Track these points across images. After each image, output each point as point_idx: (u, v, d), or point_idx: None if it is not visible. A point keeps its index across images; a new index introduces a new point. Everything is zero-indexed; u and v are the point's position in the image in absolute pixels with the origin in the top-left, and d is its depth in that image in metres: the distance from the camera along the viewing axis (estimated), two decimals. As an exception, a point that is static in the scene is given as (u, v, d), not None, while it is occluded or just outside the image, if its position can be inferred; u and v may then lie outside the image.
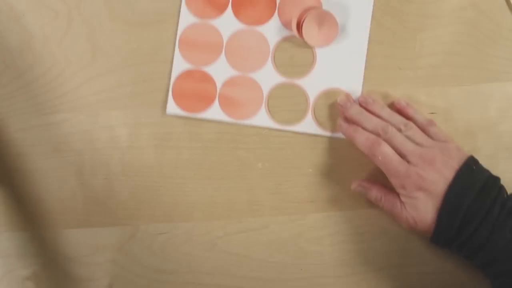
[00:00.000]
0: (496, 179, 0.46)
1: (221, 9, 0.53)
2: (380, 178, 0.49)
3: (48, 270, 0.53)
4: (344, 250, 0.52)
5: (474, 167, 0.46)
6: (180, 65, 0.53)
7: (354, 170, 0.52)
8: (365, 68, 0.53)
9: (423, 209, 0.46)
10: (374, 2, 0.53)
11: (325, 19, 0.52)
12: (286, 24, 0.53)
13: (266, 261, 0.53)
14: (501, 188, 0.46)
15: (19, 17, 0.54)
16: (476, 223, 0.44)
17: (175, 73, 0.53)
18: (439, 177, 0.45)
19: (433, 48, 0.53)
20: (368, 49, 0.53)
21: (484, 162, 0.52)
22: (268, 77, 0.53)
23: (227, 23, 0.53)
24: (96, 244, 0.53)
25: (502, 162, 0.52)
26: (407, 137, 0.48)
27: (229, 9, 0.53)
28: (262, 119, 0.53)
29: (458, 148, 0.48)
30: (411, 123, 0.49)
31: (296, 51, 0.53)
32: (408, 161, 0.47)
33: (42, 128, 0.54)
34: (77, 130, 0.53)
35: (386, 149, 0.47)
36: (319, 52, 0.53)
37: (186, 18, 0.53)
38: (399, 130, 0.48)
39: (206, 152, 0.53)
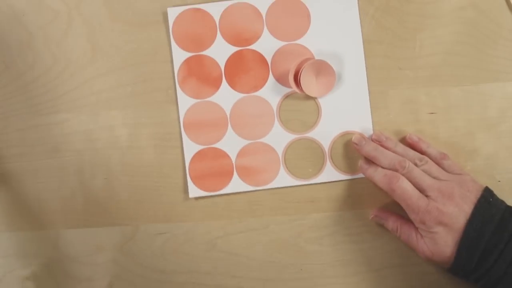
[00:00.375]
0: None
1: (216, 85, 0.53)
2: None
3: (48, 270, 0.53)
4: (344, 250, 0.52)
5: (491, 199, 0.46)
6: (190, 148, 0.53)
7: (354, 169, 0.52)
8: (365, 68, 0.53)
9: (442, 243, 0.46)
10: (362, 35, 0.52)
11: (321, 68, 0.51)
12: (283, 82, 0.53)
13: (266, 261, 0.53)
14: None
15: (19, 17, 0.54)
16: (495, 256, 0.44)
17: (187, 157, 0.53)
18: (459, 211, 0.46)
19: (433, 48, 0.53)
20: (368, 49, 0.53)
21: (484, 162, 0.52)
22: (279, 138, 0.53)
23: (225, 97, 0.53)
24: (96, 244, 0.53)
25: (502, 162, 0.52)
26: (424, 171, 0.48)
27: (224, 82, 0.53)
28: (283, 180, 0.52)
29: (473, 180, 0.48)
30: (426, 158, 0.49)
31: (300, 105, 0.53)
32: (426, 196, 0.47)
33: (42, 128, 0.54)
34: (77, 130, 0.53)
35: (405, 184, 0.47)
36: (322, 101, 0.52)
37: (184, 102, 0.53)
38: (415, 165, 0.48)
39: (206, 152, 0.53)
